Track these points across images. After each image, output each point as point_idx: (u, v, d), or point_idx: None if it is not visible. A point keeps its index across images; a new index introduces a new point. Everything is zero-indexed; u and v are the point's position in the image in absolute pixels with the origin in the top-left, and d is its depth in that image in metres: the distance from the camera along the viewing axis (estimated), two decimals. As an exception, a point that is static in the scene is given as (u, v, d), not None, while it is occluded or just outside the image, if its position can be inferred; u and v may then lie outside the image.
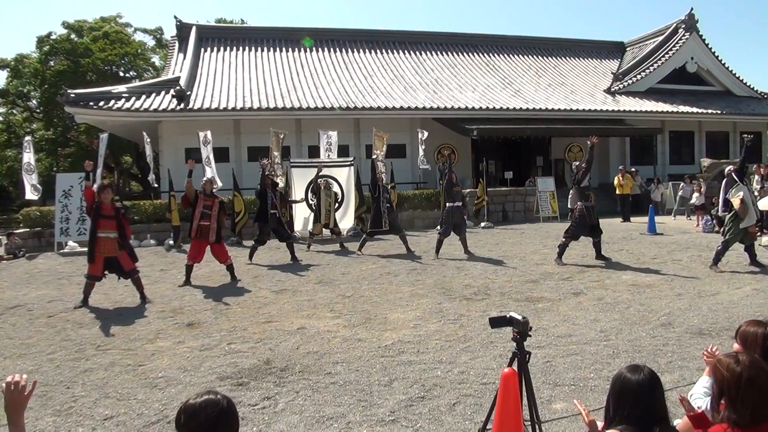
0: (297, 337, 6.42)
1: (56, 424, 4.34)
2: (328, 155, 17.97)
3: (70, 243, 15.26)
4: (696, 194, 17.55)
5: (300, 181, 16.12)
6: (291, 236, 12.83)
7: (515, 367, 3.27)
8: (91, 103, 19.40)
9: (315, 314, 7.50)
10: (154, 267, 12.00)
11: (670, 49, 27.71)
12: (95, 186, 8.90)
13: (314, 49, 27.72)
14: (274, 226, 12.23)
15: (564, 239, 10.91)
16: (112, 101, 19.77)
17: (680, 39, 27.83)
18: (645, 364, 2.42)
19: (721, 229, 10.33)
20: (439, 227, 15.92)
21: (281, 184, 14.99)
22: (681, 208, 19.49)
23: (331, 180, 16.03)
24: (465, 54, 29.64)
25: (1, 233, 16.83)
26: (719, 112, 25.85)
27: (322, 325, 6.91)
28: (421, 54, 28.90)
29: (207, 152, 17.03)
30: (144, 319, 7.51)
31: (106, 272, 8.67)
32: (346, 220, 16.25)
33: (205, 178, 10.73)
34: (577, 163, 11.56)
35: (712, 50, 28.32)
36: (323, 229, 14.40)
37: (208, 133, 17.20)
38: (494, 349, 5.75)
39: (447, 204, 12.28)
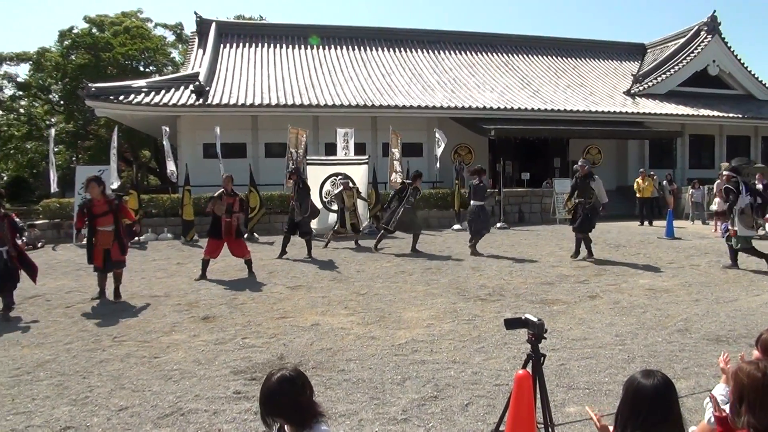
0: (311, 334, 6.44)
1: (72, 414, 4.39)
2: (345, 153, 18.00)
3: (89, 235, 15.41)
4: (717, 200, 17.29)
5: (315, 179, 16.15)
6: (311, 232, 12.74)
7: (529, 369, 3.25)
8: (111, 97, 19.61)
9: (329, 311, 7.52)
10: (170, 260, 12.10)
11: (692, 52, 27.42)
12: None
13: (332, 46, 27.77)
14: (298, 219, 12.18)
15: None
16: (132, 95, 19.96)
17: (702, 41, 27.53)
18: (660, 369, 2.39)
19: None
20: (462, 225, 15.88)
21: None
22: (696, 212, 19.27)
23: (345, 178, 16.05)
24: (484, 54, 29.54)
25: (22, 224, 17.00)
26: (740, 116, 25.53)
27: (336, 322, 6.93)
28: (439, 53, 28.84)
29: (218, 149, 17.18)
30: (160, 312, 7.58)
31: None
32: (361, 218, 16.24)
33: (225, 175, 10.69)
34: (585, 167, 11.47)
35: (735, 53, 27.99)
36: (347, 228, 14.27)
37: (216, 130, 17.28)
38: (508, 351, 5.72)
39: (472, 202, 12.48)
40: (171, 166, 18.13)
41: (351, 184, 14.71)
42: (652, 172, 20.42)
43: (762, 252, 10.05)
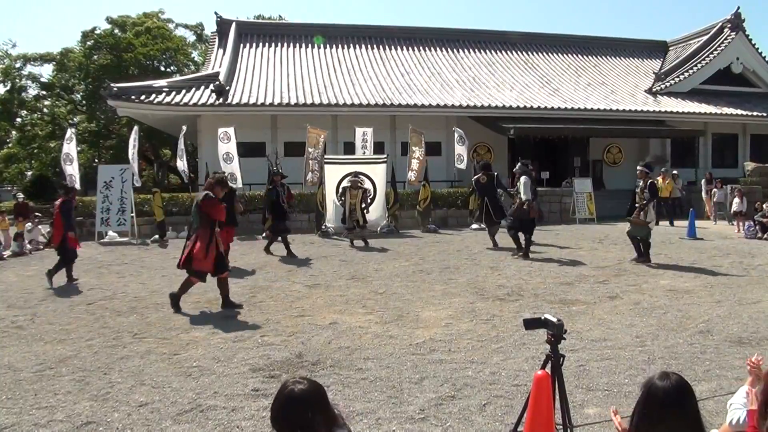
0: (329, 332, 6.46)
1: (93, 409, 4.45)
2: (364, 152, 18.00)
3: (110, 233, 15.61)
4: (737, 200, 17.06)
5: (333, 177, 16.15)
6: (288, 230, 13.05)
7: (548, 369, 3.23)
8: (133, 97, 19.83)
9: (347, 310, 7.54)
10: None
11: (715, 49, 27.00)
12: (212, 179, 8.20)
13: (351, 45, 27.79)
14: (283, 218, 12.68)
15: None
16: (153, 95, 20.16)
17: (726, 39, 27.10)
18: (681, 371, 2.36)
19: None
20: (480, 224, 15.86)
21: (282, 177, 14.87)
22: (719, 212, 18.98)
23: (363, 177, 16.02)
24: (503, 52, 29.37)
25: (45, 222, 17.28)
26: (765, 114, 25.06)
27: (354, 321, 6.94)
28: (458, 52, 28.72)
29: (227, 149, 17.13)
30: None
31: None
32: (378, 217, 16.22)
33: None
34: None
35: (759, 51, 27.52)
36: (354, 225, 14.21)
37: (230, 130, 17.29)
38: (527, 351, 5.69)
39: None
40: (182, 165, 18.32)
41: (360, 185, 14.65)
42: (675, 171, 20.13)
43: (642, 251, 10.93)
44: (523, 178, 11.73)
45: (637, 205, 10.89)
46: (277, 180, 13.04)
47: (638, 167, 11.30)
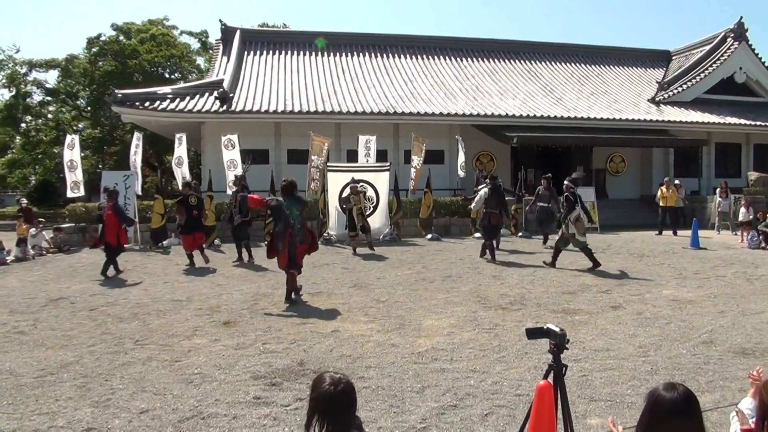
0: (331, 340, 6.45)
1: (94, 415, 4.44)
2: (367, 160, 18.02)
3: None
4: (743, 210, 16.99)
5: (335, 185, 16.16)
6: (249, 237, 13.15)
7: (551, 379, 3.21)
8: (137, 104, 19.91)
9: (349, 318, 7.52)
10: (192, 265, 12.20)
11: (718, 59, 27.03)
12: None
13: (355, 53, 27.89)
14: (237, 223, 12.87)
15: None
16: (157, 102, 20.24)
17: (729, 48, 27.13)
18: (684, 382, 2.35)
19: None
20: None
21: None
22: (725, 222, 18.92)
23: (366, 185, 16.02)
24: (506, 61, 29.45)
25: (48, 227, 17.32)
26: (768, 124, 25.07)
27: (356, 329, 6.92)
28: (462, 60, 28.81)
29: (230, 156, 17.13)
30: (182, 316, 7.64)
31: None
32: (381, 225, 16.22)
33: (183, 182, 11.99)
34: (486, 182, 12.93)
35: (762, 60, 27.54)
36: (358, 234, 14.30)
37: (234, 137, 17.30)
38: (529, 361, 5.67)
39: (539, 204, 14.95)
40: (183, 172, 18.33)
41: (359, 189, 14.74)
42: (677, 181, 20.08)
43: (594, 257, 11.13)
44: (482, 190, 12.48)
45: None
46: (239, 183, 13.23)
47: (565, 181, 11.59)
